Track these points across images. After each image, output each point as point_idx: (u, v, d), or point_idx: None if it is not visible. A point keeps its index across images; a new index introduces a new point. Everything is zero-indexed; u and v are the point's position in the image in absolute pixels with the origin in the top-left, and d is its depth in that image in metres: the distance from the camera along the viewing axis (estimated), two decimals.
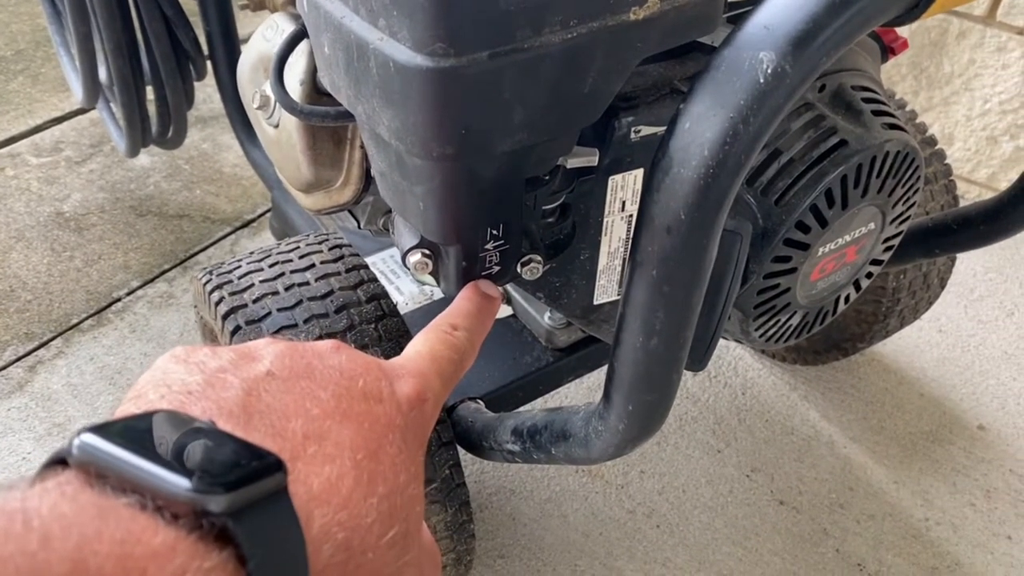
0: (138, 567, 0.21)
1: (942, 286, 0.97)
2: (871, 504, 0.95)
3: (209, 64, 1.07)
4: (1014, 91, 1.27)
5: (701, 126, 0.36)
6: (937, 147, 0.92)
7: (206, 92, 1.51)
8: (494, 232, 0.47)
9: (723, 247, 0.49)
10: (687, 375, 1.09)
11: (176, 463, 0.23)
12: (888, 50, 0.73)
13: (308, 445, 0.28)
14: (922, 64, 1.36)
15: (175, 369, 0.30)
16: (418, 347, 0.39)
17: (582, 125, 0.45)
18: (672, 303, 0.40)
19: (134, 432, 0.24)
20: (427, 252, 0.49)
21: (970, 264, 1.25)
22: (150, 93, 1.08)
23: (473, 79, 0.38)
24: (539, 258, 0.52)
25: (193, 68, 1.07)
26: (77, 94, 1.14)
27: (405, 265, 0.50)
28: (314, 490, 0.26)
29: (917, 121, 0.93)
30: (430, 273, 0.50)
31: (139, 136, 1.08)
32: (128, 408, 0.29)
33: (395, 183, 0.46)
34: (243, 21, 1.09)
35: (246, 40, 1.05)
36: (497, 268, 0.49)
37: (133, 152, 1.12)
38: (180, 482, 0.22)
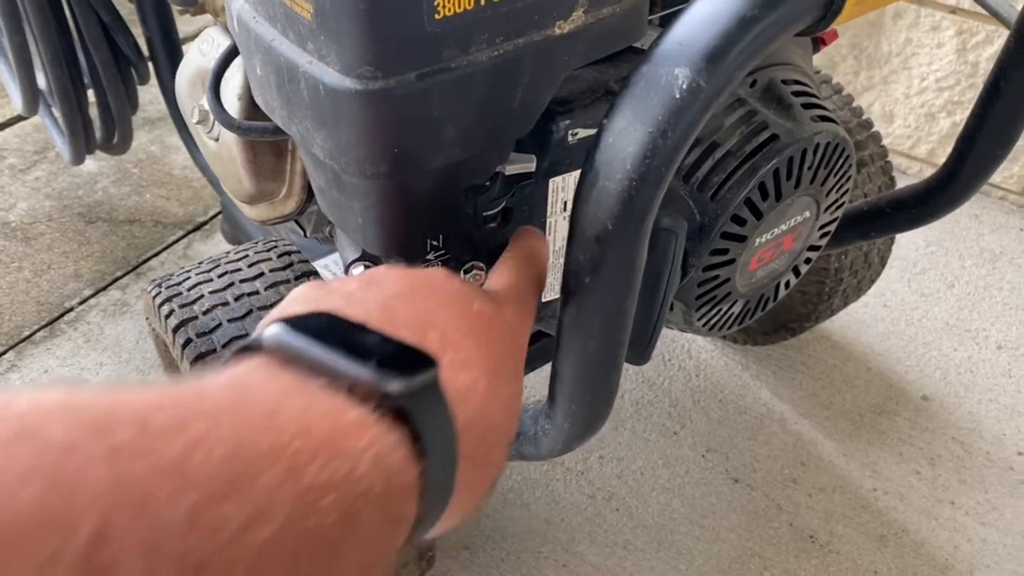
0: (343, 436, 0.24)
1: (883, 264, 1.00)
2: (822, 477, 0.99)
3: (152, 69, 1.06)
4: (949, 68, 1.31)
5: (623, 140, 0.37)
6: (873, 130, 0.94)
7: (152, 93, 1.48)
8: (434, 243, 0.48)
9: (659, 245, 0.50)
10: None
11: (351, 353, 0.26)
12: (819, 41, 0.75)
13: (445, 353, 0.31)
14: (861, 44, 1.39)
15: (314, 294, 0.33)
16: (506, 278, 0.42)
17: (514, 137, 0.46)
18: (605, 309, 0.42)
19: (310, 326, 0.27)
20: (369, 264, 0.50)
21: (913, 239, 1.29)
22: (93, 97, 1.06)
23: (402, 100, 0.39)
24: (482, 265, 0.53)
25: (135, 73, 1.06)
26: (16, 102, 1.12)
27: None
28: (457, 391, 0.29)
29: (854, 105, 0.95)
30: None
31: (83, 143, 1.07)
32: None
33: (334, 199, 0.47)
34: (183, 22, 1.08)
35: (188, 40, 1.04)
36: None
37: (78, 160, 1.11)
38: (362, 367, 0.26)
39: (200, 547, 0.18)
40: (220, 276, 0.69)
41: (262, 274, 0.69)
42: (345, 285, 0.34)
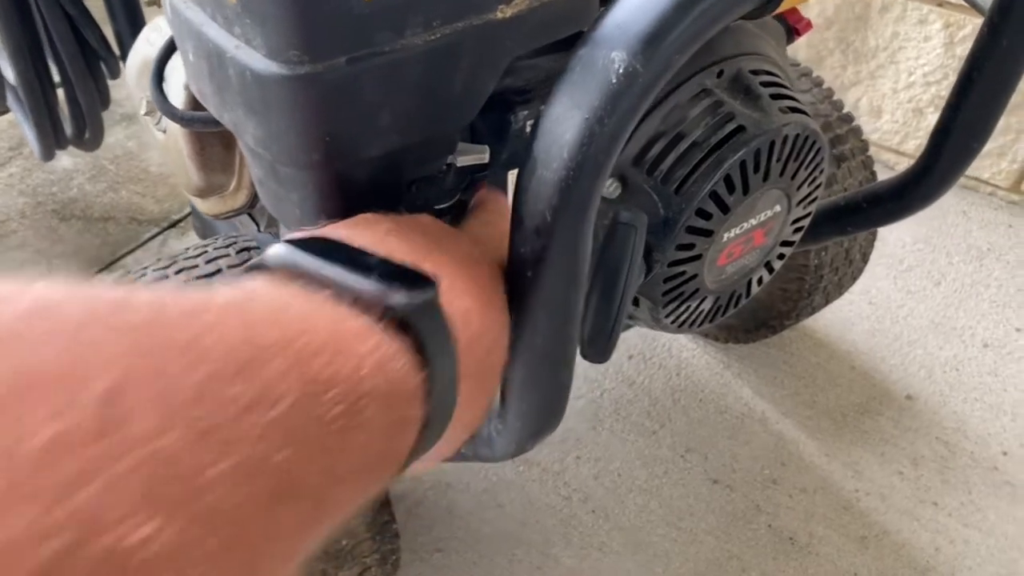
0: (347, 339, 0.25)
1: (864, 260, 0.98)
2: (803, 478, 0.97)
3: (123, 63, 1.04)
4: (936, 63, 1.29)
5: (560, 127, 0.35)
6: (854, 124, 0.93)
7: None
8: None
9: (618, 240, 0.49)
10: (623, 357, 1.09)
11: (355, 270, 0.28)
12: (793, 31, 0.73)
13: (442, 280, 0.31)
14: (849, 39, 1.37)
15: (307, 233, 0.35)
16: (478, 229, 0.44)
17: (458, 125, 0.44)
18: (550, 305, 0.40)
19: (313, 247, 0.29)
20: None
21: (899, 235, 1.27)
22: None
23: (331, 85, 0.37)
24: None
25: (106, 67, 1.04)
26: None
27: None
28: (456, 313, 0.31)
29: (835, 98, 0.94)
30: None
31: (51, 140, 1.05)
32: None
33: (272, 191, 0.45)
34: (153, 16, 1.06)
35: None
36: None
37: (47, 156, 1.09)
38: (365, 281, 0.27)
39: (208, 417, 0.19)
40: (177, 273, 0.67)
41: (220, 271, 0.67)
42: (336, 227, 0.35)
